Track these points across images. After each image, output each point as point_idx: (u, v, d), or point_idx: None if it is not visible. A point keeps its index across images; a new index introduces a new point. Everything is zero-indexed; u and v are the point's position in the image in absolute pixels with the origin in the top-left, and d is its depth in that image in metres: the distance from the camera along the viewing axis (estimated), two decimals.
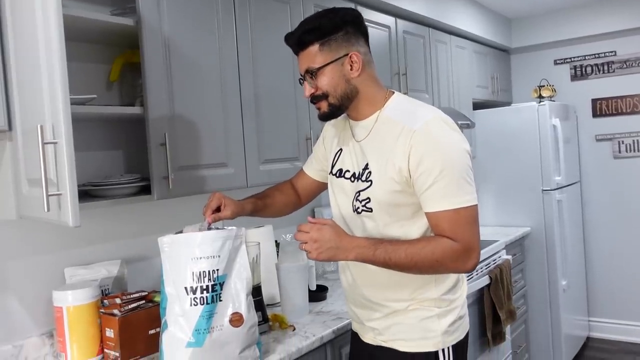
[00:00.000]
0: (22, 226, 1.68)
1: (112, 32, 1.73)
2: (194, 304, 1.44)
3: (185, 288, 1.45)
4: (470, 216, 1.39)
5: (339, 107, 1.49)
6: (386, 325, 1.53)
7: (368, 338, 1.60)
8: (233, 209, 1.60)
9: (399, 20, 2.98)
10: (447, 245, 1.38)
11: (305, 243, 1.41)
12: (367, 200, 1.48)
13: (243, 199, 1.69)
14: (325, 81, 1.46)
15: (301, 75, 1.51)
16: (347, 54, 1.45)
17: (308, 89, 1.49)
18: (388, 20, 2.89)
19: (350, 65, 1.45)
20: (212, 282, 1.46)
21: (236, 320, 1.49)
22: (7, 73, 1.46)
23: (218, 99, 1.91)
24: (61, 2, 1.25)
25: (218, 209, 1.59)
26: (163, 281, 1.49)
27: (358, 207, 1.51)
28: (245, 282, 1.53)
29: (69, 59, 1.25)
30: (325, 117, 1.53)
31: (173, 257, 1.48)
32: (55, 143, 1.25)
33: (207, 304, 1.45)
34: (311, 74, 1.46)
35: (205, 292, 1.45)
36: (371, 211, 1.48)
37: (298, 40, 1.48)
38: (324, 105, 1.50)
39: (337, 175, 1.60)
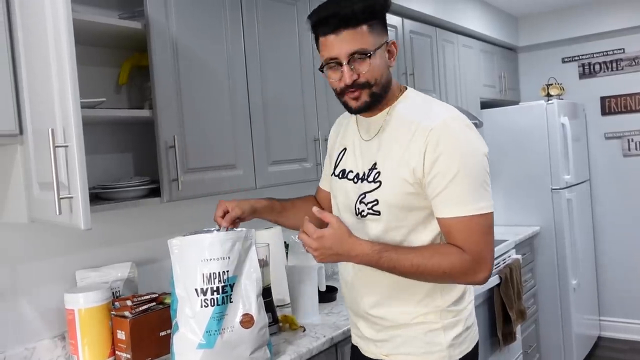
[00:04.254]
0: (33, 229, 1.69)
1: (121, 36, 1.74)
2: (205, 306, 1.45)
3: (196, 290, 1.45)
4: (484, 225, 1.29)
5: (379, 96, 1.36)
6: (388, 338, 1.44)
7: (369, 352, 1.50)
8: (241, 208, 1.54)
9: (405, 20, 2.97)
10: (455, 257, 1.29)
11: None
12: (375, 202, 1.38)
13: (255, 199, 1.62)
14: (375, 66, 1.31)
15: (332, 59, 1.32)
16: (386, 42, 1.35)
17: (350, 75, 1.30)
18: (395, 20, 2.88)
19: (388, 54, 1.36)
20: (223, 284, 1.47)
21: (247, 321, 1.49)
22: (18, 77, 1.47)
23: (226, 101, 1.91)
24: (71, 7, 1.26)
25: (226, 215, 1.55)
26: (173, 283, 1.50)
27: (363, 210, 1.41)
28: (255, 283, 1.54)
29: (78, 62, 1.26)
30: (363, 109, 1.37)
31: (183, 259, 1.49)
32: (66, 146, 1.26)
33: (218, 305, 1.46)
34: (362, 56, 1.29)
35: (215, 293, 1.46)
36: (379, 214, 1.38)
37: (352, 15, 1.27)
38: (364, 95, 1.34)
39: (340, 176, 1.50)
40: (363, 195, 1.40)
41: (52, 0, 1.26)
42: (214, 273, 1.47)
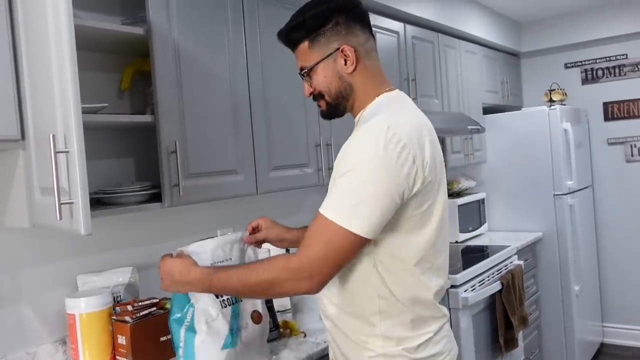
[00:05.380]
0: (34, 234, 1.70)
1: (123, 41, 1.75)
2: (224, 306, 1.48)
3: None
4: (335, 238, 1.14)
5: (335, 106, 1.36)
6: (340, 347, 1.35)
7: (332, 358, 1.44)
8: (267, 235, 1.57)
9: (407, 26, 2.98)
10: (280, 262, 1.19)
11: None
12: None
13: (289, 228, 1.60)
14: (319, 80, 1.34)
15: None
16: (338, 48, 1.30)
17: (307, 89, 1.38)
18: (397, 26, 2.89)
19: (344, 60, 1.31)
20: None
21: (257, 317, 1.56)
22: (20, 83, 1.47)
23: (228, 106, 1.92)
24: (73, 13, 1.26)
25: (257, 230, 1.59)
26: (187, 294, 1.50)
27: None
28: None
29: (80, 68, 1.26)
30: (325, 116, 1.41)
31: None
32: (67, 152, 1.26)
33: (232, 304, 1.50)
34: (305, 73, 1.36)
35: None
36: None
37: (286, 40, 1.38)
38: (323, 104, 1.38)
39: None
40: None
41: (54, 6, 1.27)
42: None
